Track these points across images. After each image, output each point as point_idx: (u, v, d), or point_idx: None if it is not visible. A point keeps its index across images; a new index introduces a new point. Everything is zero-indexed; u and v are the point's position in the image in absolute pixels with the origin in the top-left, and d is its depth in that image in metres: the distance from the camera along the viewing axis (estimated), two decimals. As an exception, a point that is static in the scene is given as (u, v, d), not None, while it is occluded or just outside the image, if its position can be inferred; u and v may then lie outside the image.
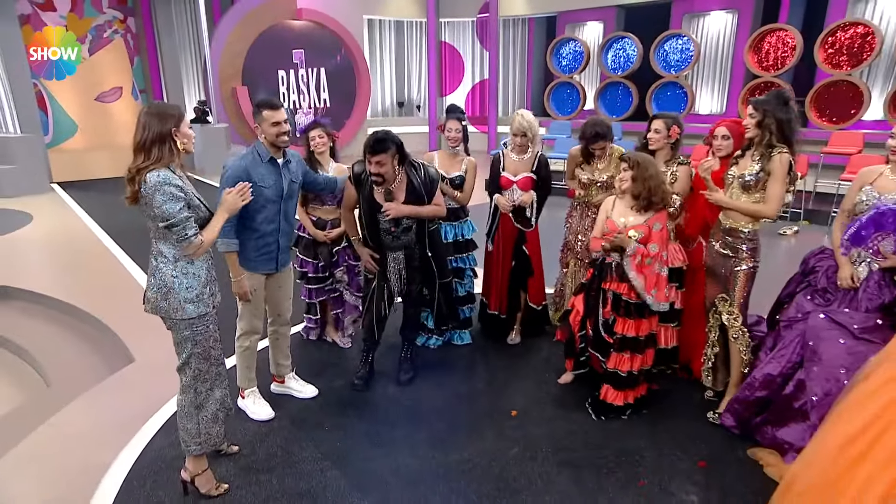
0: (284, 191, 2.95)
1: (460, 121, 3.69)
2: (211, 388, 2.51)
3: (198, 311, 2.37)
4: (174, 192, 2.23)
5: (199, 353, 2.43)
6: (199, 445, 2.50)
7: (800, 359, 2.82)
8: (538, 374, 3.65)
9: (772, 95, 2.89)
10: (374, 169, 3.01)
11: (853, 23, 8.38)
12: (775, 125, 2.87)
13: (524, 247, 3.77)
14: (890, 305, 2.62)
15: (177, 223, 2.25)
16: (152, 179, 2.21)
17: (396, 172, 3.11)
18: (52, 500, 2.59)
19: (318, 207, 3.70)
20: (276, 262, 3.02)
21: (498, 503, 2.54)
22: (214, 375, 2.51)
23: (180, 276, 2.33)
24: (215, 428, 2.54)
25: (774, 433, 2.85)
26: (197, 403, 2.48)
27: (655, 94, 10.76)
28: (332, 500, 2.55)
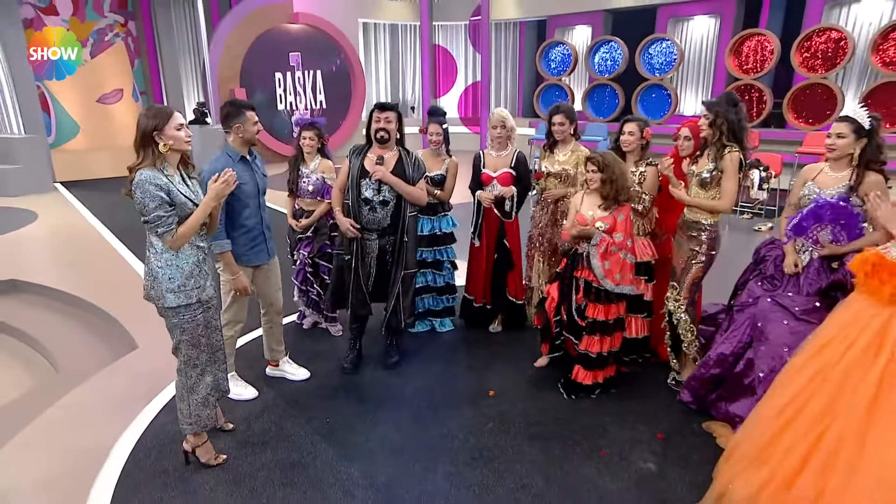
0: (259, 185, 3.15)
1: (441, 124, 3.92)
2: (202, 374, 2.67)
3: (178, 301, 2.50)
4: (152, 192, 2.36)
5: (188, 340, 2.59)
6: (190, 426, 2.69)
7: (750, 339, 3.05)
8: (516, 359, 3.86)
9: (723, 98, 3.12)
10: (381, 125, 3.36)
11: (827, 28, 8.63)
12: (726, 126, 3.10)
13: (505, 241, 3.98)
14: (827, 290, 2.84)
15: (150, 220, 2.40)
16: (137, 178, 2.38)
17: (395, 138, 3.42)
18: (63, 472, 2.79)
19: (301, 199, 3.94)
20: (266, 252, 3.23)
21: (472, 470, 2.76)
22: (205, 362, 2.68)
23: (164, 267, 2.48)
24: (206, 411, 2.71)
25: (727, 408, 3.08)
26: (188, 387, 2.66)
27: (641, 95, 11.00)
28: (322, 469, 2.77)
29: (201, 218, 2.52)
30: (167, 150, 2.44)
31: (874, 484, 2.04)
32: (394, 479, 2.69)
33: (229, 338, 3.30)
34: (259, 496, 2.59)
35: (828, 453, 2.18)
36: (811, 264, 2.92)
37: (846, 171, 2.86)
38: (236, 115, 3.04)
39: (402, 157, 3.46)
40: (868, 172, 2.77)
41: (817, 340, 2.43)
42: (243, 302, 3.27)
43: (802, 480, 2.21)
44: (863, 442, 2.12)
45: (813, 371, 2.33)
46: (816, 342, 2.43)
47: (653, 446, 2.95)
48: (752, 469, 2.38)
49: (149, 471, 2.76)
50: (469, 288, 4.22)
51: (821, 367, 2.32)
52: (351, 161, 3.46)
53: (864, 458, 2.10)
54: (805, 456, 2.23)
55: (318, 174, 3.87)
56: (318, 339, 4.18)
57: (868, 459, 2.09)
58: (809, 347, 2.44)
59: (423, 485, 2.66)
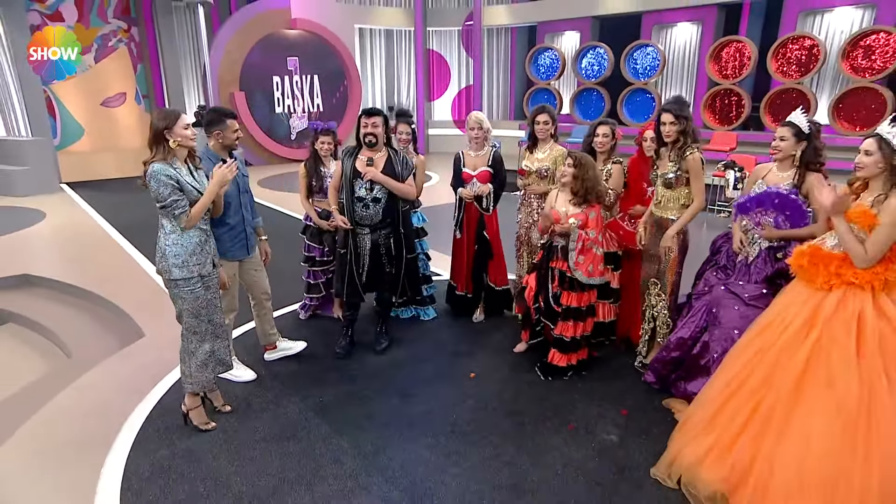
0: (240, 185, 3.35)
1: (409, 124, 4.16)
2: (201, 341, 3.00)
3: (181, 275, 2.85)
4: (165, 181, 2.73)
5: (189, 309, 2.93)
6: (190, 385, 3.04)
7: (706, 324, 3.28)
8: (497, 345, 4.10)
9: (681, 103, 3.35)
10: (369, 129, 3.57)
11: (801, 36, 8.90)
12: (689, 128, 3.35)
13: (484, 232, 4.22)
14: (773, 277, 3.09)
15: (167, 204, 2.76)
16: (149, 171, 2.75)
17: (383, 140, 3.63)
18: (84, 439, 3.02)
19: (323, 199, 4.10)
20: (247, 247, 3.44)
21: (451, 441, 3.00)
22: (205, 331, 3.00)
23: (171, 245, 2.84)
24: (204, 374, 3.03)
25: (685, 386, 3.32)
26: (189, 351, 3.00)
27: (626, 99, 11.26)
28: (314, 440, 3.00)
29: (210, 198, 2.89)
30: (176, 146, 2.81)
31: (800, 447, 2.29)
32: (379, 449, 2.93)
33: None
34: (257, 463, 2.82)
35: (762, 421, 2.44)
36: (759, 255, 3.16)
37: (791, 170, 3.10)
38: (218, 122, 3.27)
39: (391, 157, 3.70)
40: (808, 172, 3.02)
41: (760, 322, 2.69)
42: (234, 292, 3.49)
43: (740, 445, 2.46)
44: (791, 411, 2.37)
45: (754, 350, 2.59)
46: (759, 324, 2.69)
47: (617, 420, 3.19)
48: (701, 436, 2.64)
49: (157, 442, 3.00)
50: (453, 276, 4.47)
51: (760, 346, 2.58)
52: (343, 163, 3.69)
53: (792, 424, 2.36)
54: (744, 424, 2.48)
55: None
56: (312, 327, 4.40)
57: (795, 426, 2.35)
58: (753, 328, 2.70)
59: (405, 453, 2.90)
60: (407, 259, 3.84)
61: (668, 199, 3.49)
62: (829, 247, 2.53)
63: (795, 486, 2.26)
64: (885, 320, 2.34)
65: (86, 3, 11.30)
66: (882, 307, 2.36)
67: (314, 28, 12.87)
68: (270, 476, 2.73)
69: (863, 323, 2.34)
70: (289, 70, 12.92)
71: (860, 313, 2.36)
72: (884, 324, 2.33)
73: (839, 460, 2.21)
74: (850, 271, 2.41)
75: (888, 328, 2.32)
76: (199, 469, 2.78)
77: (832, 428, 2.25)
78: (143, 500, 2.58)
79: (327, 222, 4.06)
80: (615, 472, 2.77)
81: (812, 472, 2.24)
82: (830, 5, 8.93)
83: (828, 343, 2.38)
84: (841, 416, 2.25)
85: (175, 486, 2.66)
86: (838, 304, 2.41)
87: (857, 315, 2.36)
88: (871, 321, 2.34)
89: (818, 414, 2.30)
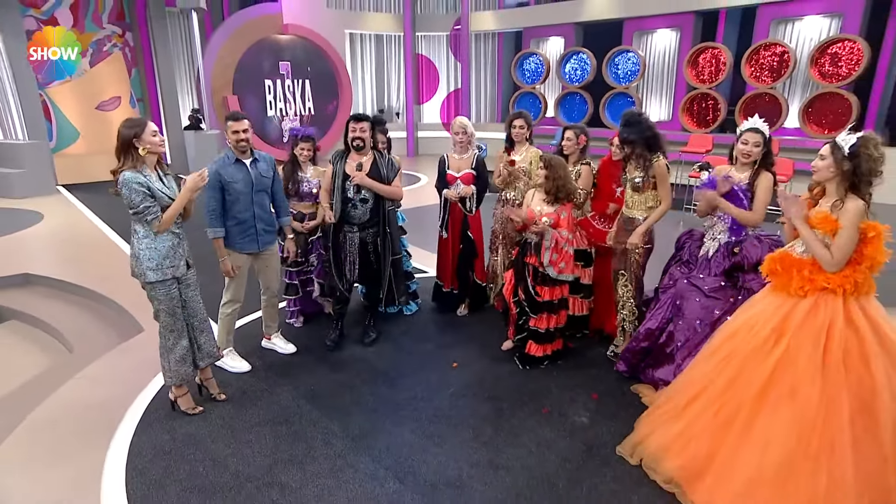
0: (253, 184, 3.52)
1: (384, 133, 4.35)
2: (178, 338, 3.16)
3: (156, 277, 2.99)
4: (136, 188, 2.83)
5: (165, 309, 3.08)
6: (170, 378, 3.20)
7: (671, 315, 3.49)
8: (480, 337, 4.29)
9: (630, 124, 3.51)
10: (357, 133, 3.75)
11: (773, 43, 9.16)
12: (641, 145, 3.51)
13: (469, 232, 4.41)
14: (730, 270, 3.30)
15: (139, 211, 2.88)
16: (120, 179, 2.85)
17: (370, 144, 3.81)
18: (88, 426, 3.18)
19: (298, 203, 4.27)
20: (257, 242, 3.62)
21: (433, 424, 3.18)
22: (181, 328, 3.16)
23: (145, 250, 2.96)
24: (183, 368, 3.19)
25: (653, 373, 3.53)
26: (167, 347, 3.15)
27: (608, 103, 11.49)
28: (306, 425, 3.18)
29: (181, 204, 2.99)
30: (146, 153, 2.90)
31: (758, 451, 2.41)
32: (366, 432, 3.11)
33: (227, 315, 3.71)
34: (252, 445, 2.99)
35: (725, 422, 2.56)
36: (718, 250, 3.37)
37: (748, 171, 3.31)
38: (226, 124, 3.51)
39: (377, 160, 3.88)
40: (762, 171, 3.23)
41: (730, 327, 2.78)
42: (240, 284, 3.66)
43: (702, 441, 2.61)
44: (755, 415, 2.48)
45: (724, 353, 2.68)
46: (729, 328, 2.77)
47: (588, 405, 3.39)
48: (668, 426, 2.81)
49: (159, 427, 3.16)
50: (439, 275, 4.64)
51: (730, 351, 2.66)
52: (335, 166, 3.87)
53: (753, 429, 2.46)
54: (708, 422, 2.62)
55: (317, 179, 4.24)
56: (304, 323, 4.56)
57: (756, 430, 2.45)
58: (723, 332, 2.79)
59: (391, 436, 3.08)
60: (393, 259, 4.02)
61: (636, 202, 3.69)
62: (798, 253, 2.59)
63: (748, 488, 2.38)
64: (852, 329, 2.37)
65: (81, 8, 11.36)
66: (852, 315, 2.39)
67: (306, 33, 12.99)
68: (265, 456, 2.90)
69: (832, 333, 2.38)
70: (281, 74, 13.04)
71: (831, 322, 2.39)
72: (850, 333, 2.37)
73: (792, 470, 2.31)
74: (821, 276, 2.44)
75: (854, 339, 2.36)
76: (199, 451, 2.95)
77: (790, 436, 2.34)
78: (147, 479, 2.74)
79: (301, 224, 4.22)
80: (584, 450, 2.96)
81: (766, 476, 2.35)
82: (800, 14, 9.20)
83: (795, 352, 2.42)
84: (799, 426, 2.34)
85: (177, 467, 2.83)
86: (809, 313, 2.45)
87: (828, 325, 2.39)
88: (839, 331, 2.37)
89: (778, 421, 2.39)
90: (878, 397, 2.27)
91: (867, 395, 2.29)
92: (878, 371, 2.28)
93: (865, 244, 2.39)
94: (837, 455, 2.28)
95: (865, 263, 2.38)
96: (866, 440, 2.28)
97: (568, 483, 2.72)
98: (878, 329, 2.35)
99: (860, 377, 2.31)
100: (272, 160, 3.72)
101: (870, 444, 2.28)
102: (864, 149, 2.37)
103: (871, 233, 2.38)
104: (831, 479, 2.27)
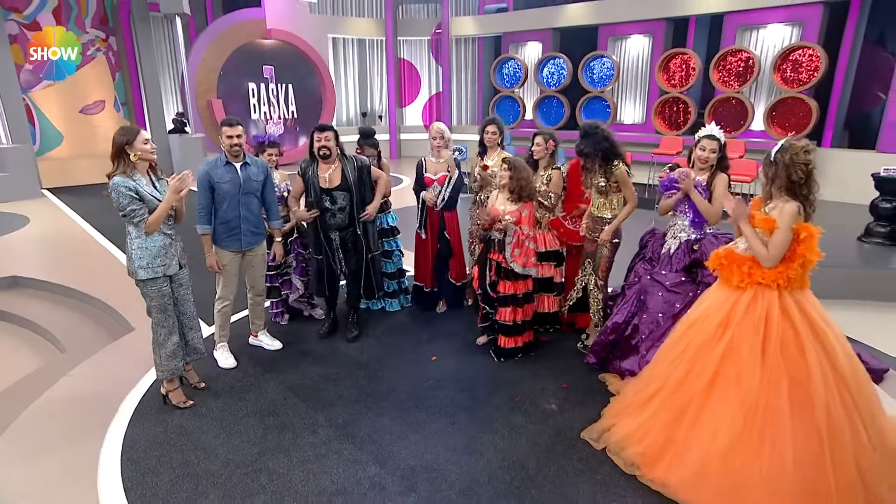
0: (241, 186, 3.67)
1: (374, 146, 4.57)
2: (169, 334, 3.31)
3: (147, 276, 3.14)
4: (124, 192, 2.99)
5: (156, 306, 3.24)
6: (162, 372, 3.35)
7: (636, 309, 3.70)
8: (457, 334, 4.46)
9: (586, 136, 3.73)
10: (323, 143, 3.90)
11: (739, 49, 9.48)
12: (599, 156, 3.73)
13: (445, 233, 4.58)
14: (690, 266, 3.52)
15: (127, 213, 3.04)
16: (112, 183, 3.01)
17: (336, 153, 3.96)
18: (83, 420, 3.29)
19: None
20: (240, 241, 3.76)
21: (412, 413, 3.35)
22: (172, 325, 3.32)
23: (136, 249, 3.12)
24: (173, 363, 3.34)
25: (620, 364, 3.73)
26: (158, 342, 3.31)
27: (584, 106, 11.75)
28: (292, 416, 3.33)
29: (167, 208, 3.13)
30: (136, 160, 3.05)
31: (708, 436, 2.61)
32: (349, 421, 3.27)
33: (218, 311, 3.86)
34: (241, 435, 3.14)
35: (678, 409, 2.76)
36: (679, 247, 3.59)
37: (707, 173, 3.52)
38: (220, 129, 3.67)
39: (344, 167, 4.02)
40: (718, 173, 3.45)
41: (687, 320, 2.97)
42: (229, 281, 3.81)
43: (659, 429, 2.81)
44: (705, 403, 2.68)
45: (681, 347, 2.89)
46: (686, 322, 2.97)
47: (558, 393, 3.58)
48: (633, 416, 3.02)
49: (151, 421, 3.29)
50: (418, 276, 4.81)
51: (686, 344, 2.87)
52: (306, 178, 4.02)
53: (704, 415, 2.67)
54: (665, 411, 2.82)
55: (284, 183, 4.38)
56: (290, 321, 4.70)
57: (706, 417, 2.66)
58: (681, 326, 2.99)
59: (372, 425, 3.24)
60: (371, 257, 4.20)
61: (602, 204, 3.90)
62: (740, 250, 2.81)
63: (700, 468, 2.58)
64: (788, 321, 2.57)
65: (63, 13, 11.31)
66: (786, 307, 2.59)
67: (289, 38, 13.07)
68: (253, 445, 3.05)
69: (769, 323, 2.57)
70: (265, 78, 13.10)
71: (767, 314, 2.59)
72: (786, 325, 2.56)
73: (739, 449, 2.52)
74: (758, 272, 2.64)
75: (790, 330, 2.55)
76: (191, 441, 3.09)
77: (736, 419, 2.55)
78: (141, 467, 2.87)
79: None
80: (553, 434, 3.15)
81: (716, 456, 2.55)
82: (764, 22, 9.52)
83: (739, 342, 2.62)
84: (743, 409, 2.55)
85: (170, 456, 2.96)
86: (749, 305, 2.64)
87: (765, 315, 2.59)
88: (776, 321, 2.56)
89: (726, 406, 2.60)
90: (812, 381, 2.49)
91: (803, 380, 2.51)
92: (811, 358, 2.49)
93: (798, 243, 2.60)
94: (778, 435, 2.50)
95: (798, 261, 2.60)
96: (803, 421, 2.49)
97: (537, 464, 2.90)
98: (811, 320, 2.57)
99: (796, 363, 2.52)
100: (264, 165, 3.86)
101: (806, 424, 2.49)
102: (781, 155, 2.59)
103: (804, 233, 2.59)
104: (773, 457, 2.48)
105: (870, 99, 9.49)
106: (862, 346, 4.04)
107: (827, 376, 2.49)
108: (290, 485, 2.75)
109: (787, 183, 2.60)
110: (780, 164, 2.63)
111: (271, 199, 3.90)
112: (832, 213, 8.11)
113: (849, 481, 2.40)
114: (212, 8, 13.83)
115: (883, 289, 5.33)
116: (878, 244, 6.17)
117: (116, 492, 2.71)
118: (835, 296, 5.14)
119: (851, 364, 2.53)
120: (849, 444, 2.43)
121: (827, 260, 2.66)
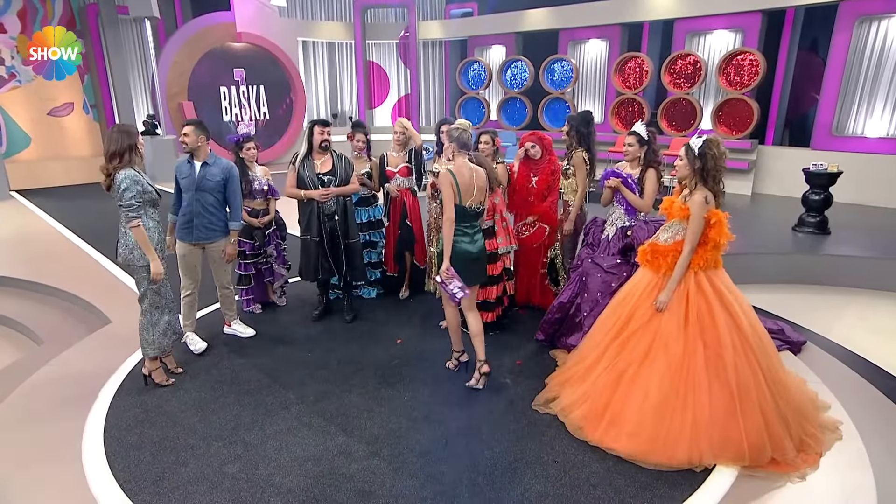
0: (196, 184, 3.84)
1: (365, 133, 4.80)
2: (161, 314, 3.56)
3: (146, 261, 3.38)
4: (131, 185, 3.26)
5: (153, 289, 3.47)
6: (153, 350, 3.56)
7: (579, 290, 4.01)
8: (421, 316, 4.72)
9: (579, 115, 4.18)
10: (325, 136, 4.29)
11: (687, 53, 9.95)
12: (576, 135, 4.15)
13: (407, 220, 4.84)
14: (624, 250, 3.83)
15: (125, 205, 3.25)
16: (122, 175, 3.25)
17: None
18: (65, 404, 3.42)
19: (252, 201, 4.57)
20: (192, 234, 3.92)
21: (379, 389, 3.58)
22: (164, 305, 3.56)
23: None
24: (164, 340, 3.59)
25: (566, 340, 4.03)
26: (152, 322, 3.52)
27: (545, 107, 12.12)
28: (265, 395, 3.52)
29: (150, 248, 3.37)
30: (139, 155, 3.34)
31: (641, 396, 2.92)
32: (319, 398, 3.48)
33: (182, 300, 4.06)
34: (217, 413, 3.32)
35: (615, 377, 3.06)
36: (616, 233, 3.90)
37: (638, 168, 3.85)
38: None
39: (335, 161, 4.34)
40: (648, 168, 3.77)
41: (618, 298, 3.29)
42: (188, 272, 4.01)
43: (598, 395, 3.10)
44: (639, 368, 2.99)
45: (613, 321, 3.21)
46: (617, 300, 3.29)
47: (513, 369, 3.85)
48: (575, 385, 3.30)
49: (131, 401, 3.45)
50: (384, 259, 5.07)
51: (616, 319, 3.19)
52: (300, 169, 4.27)
53: (638, 379, 2.97)
54: (603, 379, 3.12)
55: (265, 178, 4.56)
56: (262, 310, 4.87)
57: (640, 380, 2.96)
58: (613, 303, 3.31)
59: (341, 400, 3.46)
60: (350, 242, 4.46)
61: (564, 185, 4.38)
62: (662, 240, 3.14)
63: (635, 428, 2.88)
64: (702, 296, 2.92)
65: (28, 14, 11.15)
66: (701, 284, 2.94)
67: (259, 41, 13.08)
68: (229, 421, 3.24)
69: (690, 298, 2.93)
70: (235, 81, 13.10)
71: (688, 291, 2.95)
72: (701, 299, 2.91)
73: (667, 406, 2.84)
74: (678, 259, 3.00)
75: (704, 303, 2.90)
76: (170, 420, 3.26)
77: (663, 381, 2.87)
78: (124, 443, 3.04)
79: (257, 220, 4.56)
80: (506, 404, 3.42)
81: (647, 416, 2.86)
82: (710, 28, 10.01)
83: (668, 315, 2.97)
84: (670, 372, 2.87)
85: (150, 432, 3.13)
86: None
87: (686, 292, 2.95)
88: (693, 296, 2.92)
89: (656, 371, 2.92)
90: (722, 346, 2.82)
91: (715, 345, 2.84)
92: (721, 326, 2.83)
93: (710, 228, 2.92)
94: (698, 392, 2.82)
95: (710, 244, 2.93)
96: (717, 381, 2.82)
97: (490, 429, 3.16)
98: (721, 295, 2.92)
99: (709, 331, 2.86)
100: (227, 168, 3.96)
101: (720, 382, 2.82)
102: (708, 149, 2.91)
103: (714, 219, 2.92)
104: (695, 414, 2.81)
105: (806, 100, 10.10)
106: (787, 322, 4.42)
107: (735, 341, 2.82)
108: (264, 453, 2.95)
109: (703, 174, 2.91)
110: (708, 156, 2.92)
111: (234, 199, 4.01)
112: (771, 206, 8.62)
113: (756, 428, 2.74)
114: (181, 11, 13.75)
115: (812, 273, 5.77)
116: (809, 233, 6.63)
117: (100, 465, 2.87)
118: (771, 280, 5.57)
119: (755, 330, 2.87)
120: (754, 397, 2.77)
121: (764, 248, 3.01)
